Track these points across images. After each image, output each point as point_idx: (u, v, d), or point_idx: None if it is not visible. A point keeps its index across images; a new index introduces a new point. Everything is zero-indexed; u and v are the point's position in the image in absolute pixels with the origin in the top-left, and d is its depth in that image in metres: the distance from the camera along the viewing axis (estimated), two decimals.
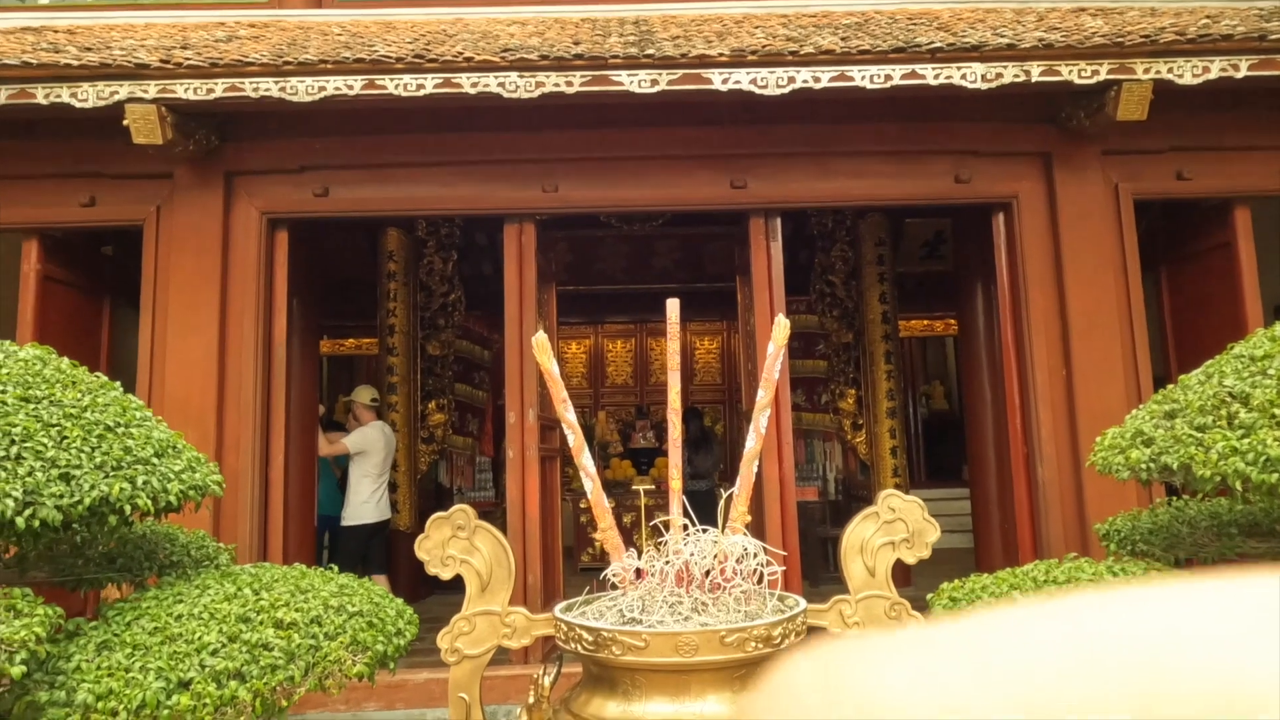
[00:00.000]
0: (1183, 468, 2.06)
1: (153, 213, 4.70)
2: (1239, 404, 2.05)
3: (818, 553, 7.35)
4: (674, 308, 1.65)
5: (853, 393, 7.53)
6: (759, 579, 1.44)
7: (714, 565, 1.42)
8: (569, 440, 1.63)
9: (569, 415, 1.62)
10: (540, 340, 1.65)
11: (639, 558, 1.48)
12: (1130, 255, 4.76)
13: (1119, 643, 0.19)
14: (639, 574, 1.47)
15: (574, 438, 1.62)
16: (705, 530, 1.45)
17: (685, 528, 1.47)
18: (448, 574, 1.67)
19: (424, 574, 1.69)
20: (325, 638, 2.00)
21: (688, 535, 1.45)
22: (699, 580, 1.41)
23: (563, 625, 1.40)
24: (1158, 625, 0.20)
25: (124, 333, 5.38)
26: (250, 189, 4.76)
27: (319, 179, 4.77)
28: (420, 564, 1.68)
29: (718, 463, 8.98)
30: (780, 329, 1.66)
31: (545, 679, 1.56)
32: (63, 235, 5.00)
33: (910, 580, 5.90)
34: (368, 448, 6.03)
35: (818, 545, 7.39)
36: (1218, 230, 4.98)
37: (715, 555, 1.42)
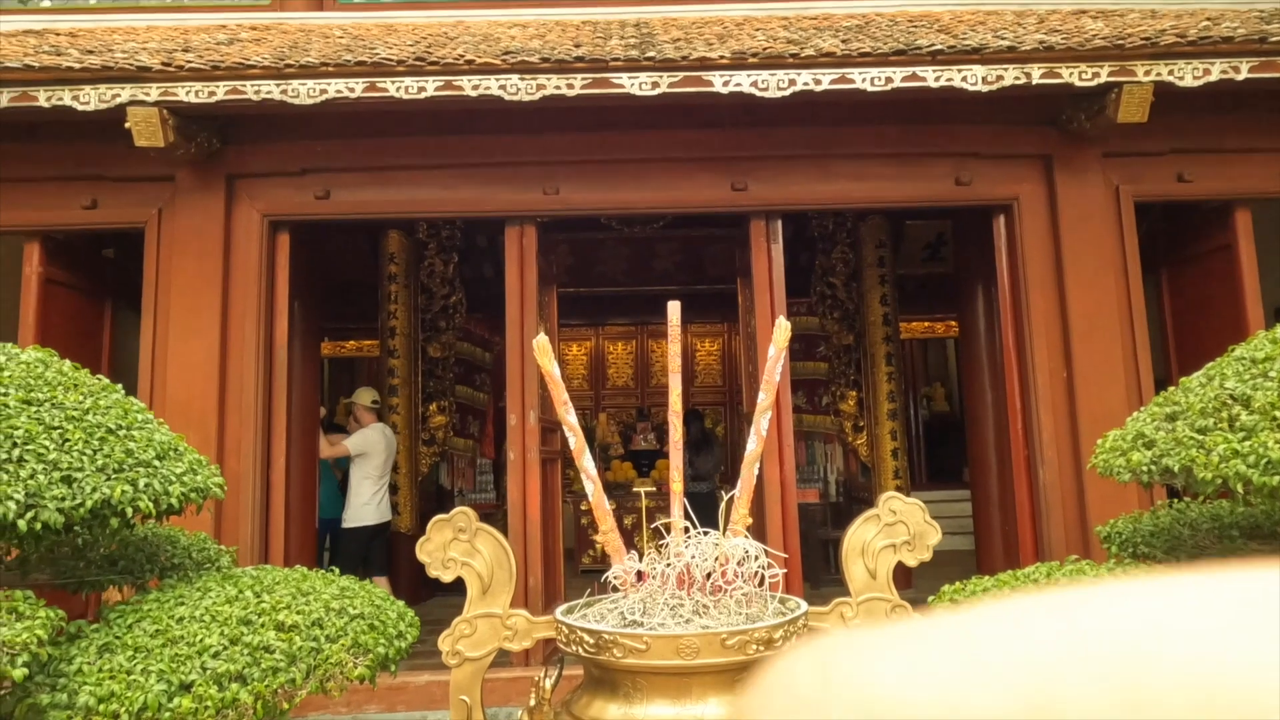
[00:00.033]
0: (1184, 470, 2.06)
1: (154, 215, 4.71)
2: (1240, 406, 2.05)
3: (819, 555, 7.35)
4: (675, 310, 1.66)
5: (854, 395, 7.53)
6: (760, 581, 1.44)
7: (715, 568, 1.42)
8: (570, 443, 1.63)
9: (570, 418, 1.62)
10: (541, 343, 1.65)
11: (640, 560, 1.48)
12: (1131, 257, 4.76)
13: (1108, 635, 0.19)
14: (640, 576, 1.47)
15: (575, 440, 1.62)
16: (706, 533, 1.45)
17: (686, 530, 1.47)
18: (449, 576, 1.68)
19: (425, 576, 1.69)
20: (327, 640, 2.00)
21: (689, 538, 1.45)
22: (700, 583, 1.41)
23: (564, 628, 1.40)
24: (1146, 618, 0.20)
25: (125, 335, 5.38)
26: (252, 191, 4.76)
27: (320, 181, 4.78)
28: (421, 566, 1.68)
29: (719, 464, 8.98)
30: (781, 331, 1.67)
31: (546, 681, 1.56)
32: (64, 238, 5.01)
33: (911, 582, 5.90)
34: (369, 449, 6.03)
35: (819, 547, 7.39)
36: (1218, 232, 4.98)
37: (716, 558, 1.42)
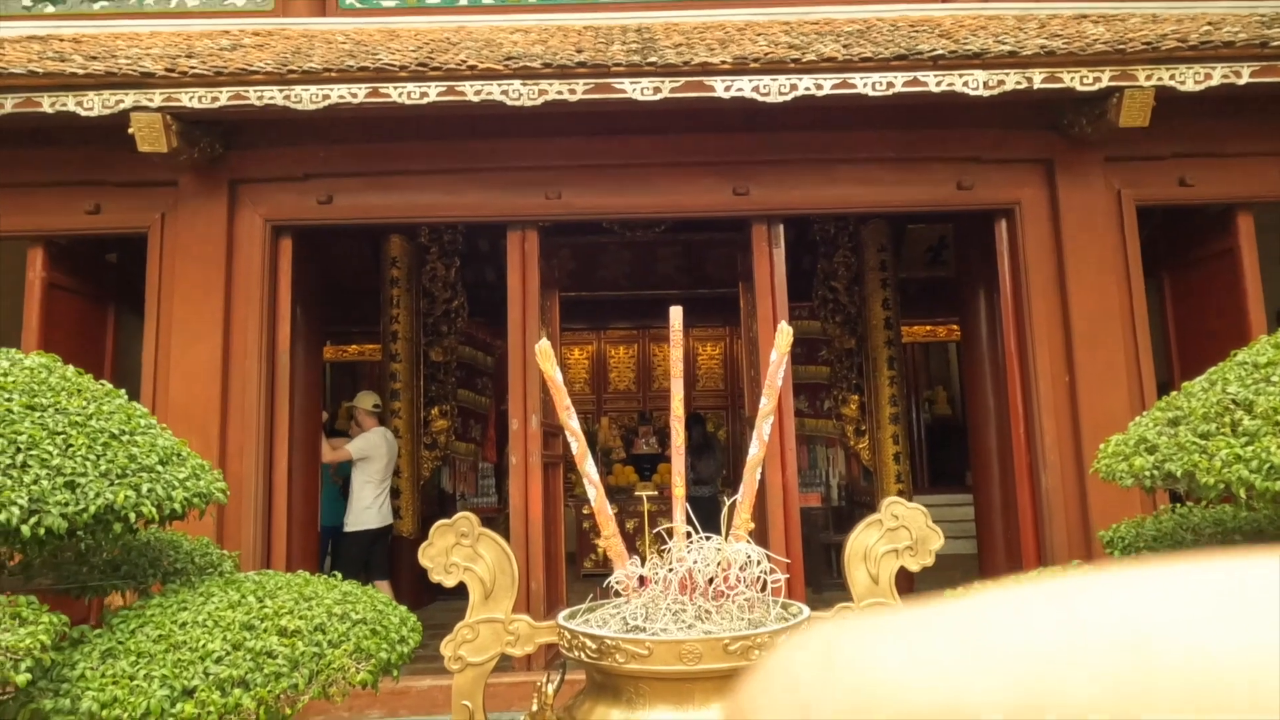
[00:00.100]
0: (1186, 475, 2.05)
1: (157, 220, 4.72)
2: (1243, 411, 2.05)
3: (821, 559, 7.34)
4: (677, 315, 1.66)
5: (856, 398, 7.53)
6: (762, 586, 1.44)
7: (717, 573, 1.42)
8: (572, 447, 1.64)
9: (572, 422, 1.62)
10: (544, 348, 1.65)
11: (642, 565, 1.48)
12: (1133, 261, 4.76)
13: (1107, 623, 0.20)
14: (642, 581, 1.47)
15: (577, 445, 1.62)
16: (709, 538, 1.45)
17: (689, 535, 1.47)
18: (451, 581, 1.68)
19: (427, 580, 1.69)
20: (329, 645, 2.01)
21: (691, 543, 1.45)
22: (702, 588, 1.41)
23: (566, 633, 1.40)
24: (1144, 606, 0.20)
25: (128, 339, 5.39)
26: (255, 196, 4.78)
27: (323, 186, 4.79)
28: (423, 570, 1.68)
29: (720, 468, 8.98)
30: (783, 336, 1.67)
31: (549, 686, 1.56)
32: (68, 243, 5.02)
33: (913, 587, 5.89)
34: (371, 453, 6.04)
35: (821, 551, 7.38)
36: (1221, 236, 4.98)
37: (719, 563, 1.42)
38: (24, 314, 4.71)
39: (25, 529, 1.75)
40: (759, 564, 1.43)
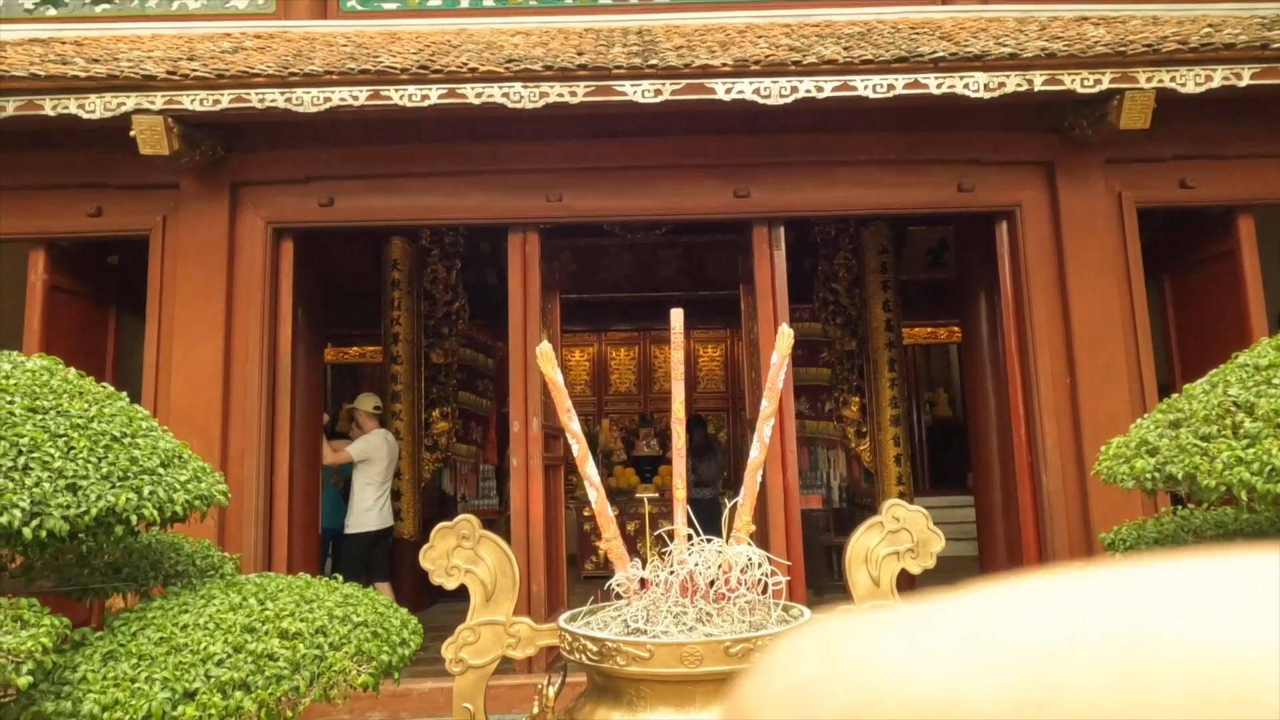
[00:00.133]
0: (1188, 477, 2.05)
1: (159, 223, 4.73)
2: (1244, 413, 2.05)
3: (822, 561, 7.33)
4: (678, 318, 1.66)
5: (856, 400, 7.53)
6: (763, 589, 1.44)
7: (718, 575, 1.42)
8: (573, 450, 1.64)
9: (573, 425, 1.63)
10: (545, 350, 1.65)
11: (643, 567, 1.48)
12: (1134, 264, 4.75)
13: (1107, 618, 0.20)
14: (643, 584, 1.47)
15: (578, 448, 1.62)
16: (710, 540, 1.45)
17: (689, 538, 1.47)
18: (452, 584, 1.68)
19: (428, 582, 1.69)
20: (330, 648, 2.01)
21: (692, 545, 1.45)
22: (703, 590, 1.41)
23: (567, 635, 1.40)
24: (1145, 601, 0.20)
25: (130, 342, 5.40)
26: (256, 199, 4.78)
27: (324, 189, 4.79)
28: (424, 572, 1.68)
29: (721, 470, 8.97)
30: (784, 338, 1.67)
31: (550, 689, 1.56)
32: (69, 245, 5.03)
33: (915, 589, 5.88)
34: (371, 455, 6.04)
35: (822, 554, 7.38)
36: (1222, 239, 4.98)
37: (720, 565, 1.42)
38: (25, 316, 4.71)
39: (27, 531, 1.75)
40: (760, 566, 1.43)
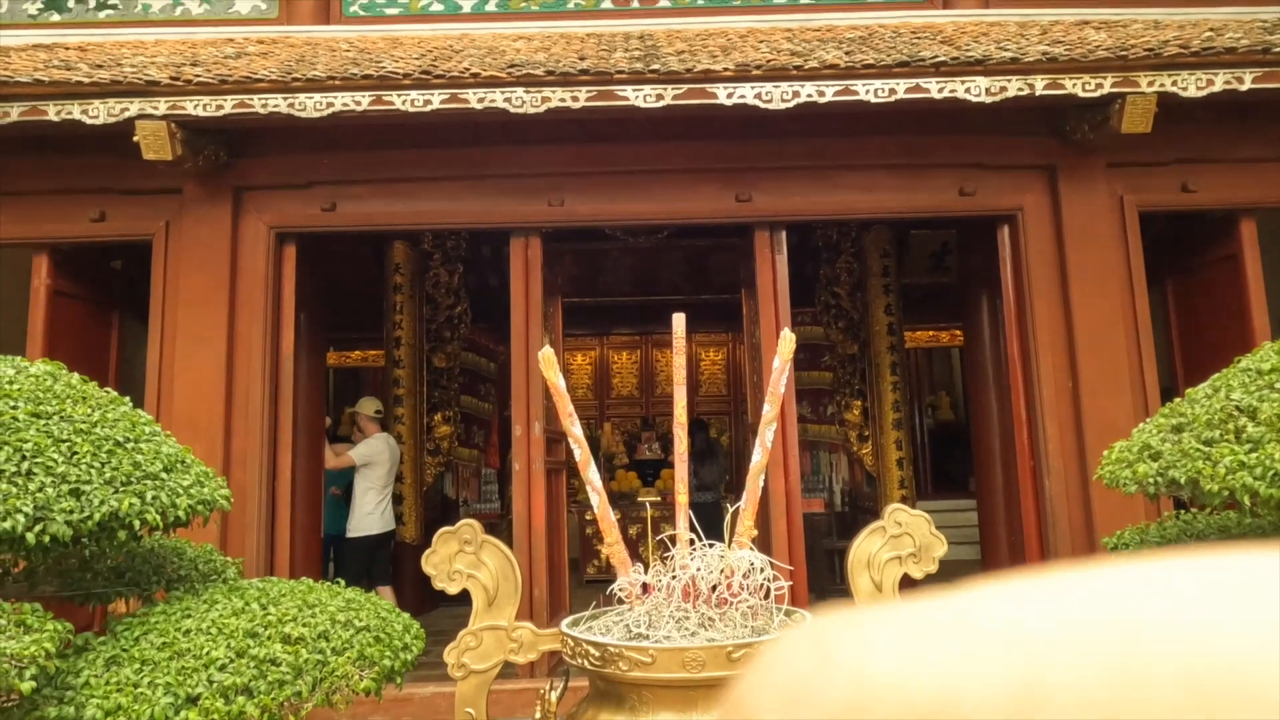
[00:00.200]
0: (1190, 482, 2.05)
1: (162, 228, 4.74)
2: (1246, 418, 2.05)
3: (824, 565, 7.32)
4: (680, 323, 1.66)
5: (858, 404, 7.52)
6: (766, 593, 1.44)
7: (721, 580, 1.42)
8: (575, 455, 1.64)
9: (575, 430, 1.63)
10: (547, 355, 1.65)
11: (645, 572, 1.48)
12: (1136, 267, 4.75)
13: (1102, 616, 0.20)
14: (645, 589, 1.47)
15: (580, 453, 1.62)
16: (712, 545, 1.45)
17: (692, 542, 1.47)
18: (454, 589, 1.68)
19: (430, 586, 1.69)
20: (332, 653, 2.01)
21: (694, 550, 1.45)
22: (706, 595, 1.41)
23: (569, 640, 1.40)
24: (1140, 599, 0.20)
25: (133, 346, 5.41)
26: (259, 204, 4.79)
27: (327, 194, 4.80)
28: (426, 576, 1.68)
29: (723, 474, 8.97)
30: (786, 343, 1.67)
31: (552, 694, 1.56)
32: (73, 250, 5.04)
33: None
34: (373, 459, 6.05)
35: (823, 558, 7.36)
36: (1224, 242, 4.97)
37: (722, 570, 1.42)
38: (29, 321, 4.72)
39: (30, 536, 1.76)
40: (762, 571, 1.43)
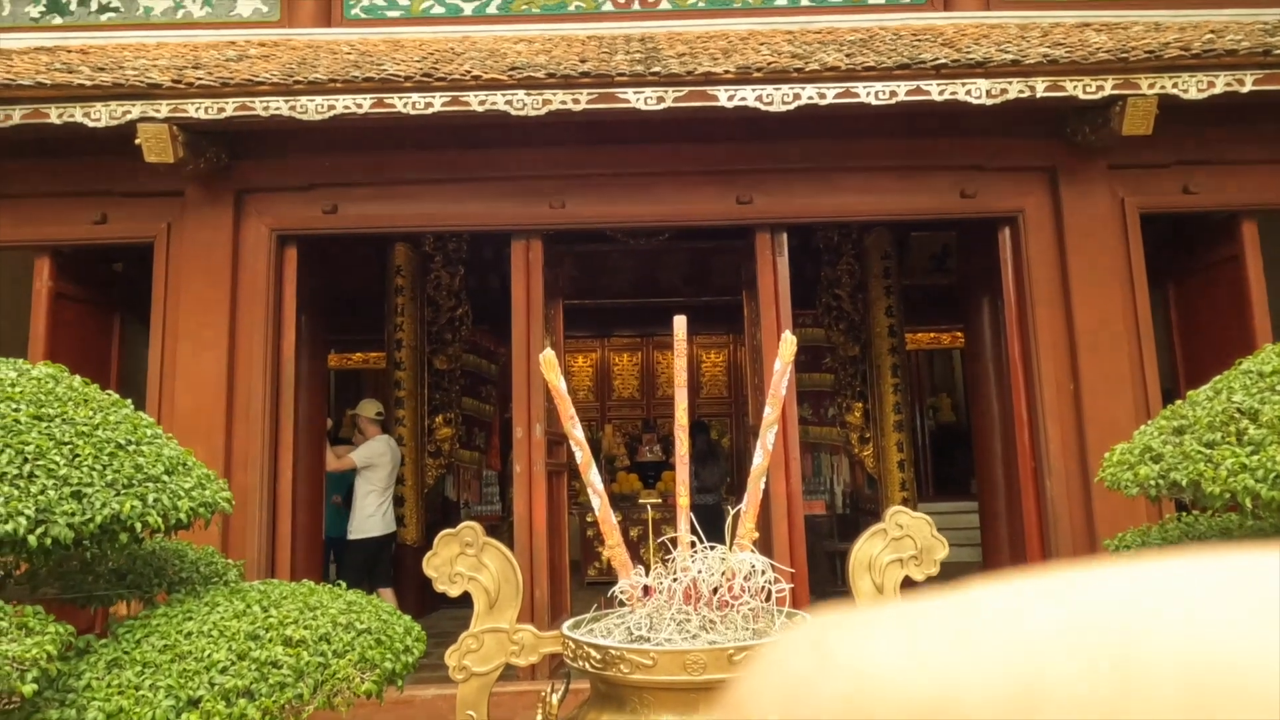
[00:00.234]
0: (1192, 484, 2.05)
1: (163, 230, 4.75)
2: (1248, 420, 2.04)
3: (825, 567, 7.32)
4: (681, 325, 1.66)
5: (860, 406, 7.52)
6: (767, 596, 1.43)
7: (722, 582, 1.42)
8: (577, 457, 1.64)
9: (577, 432, 1.63)
10: (548, 357, 1.65)
11: (647, 574, 1.48)
12: (1137, 269, 4.75)
13: (1100, 617, 0.20)
14: (647, 591, 1.47)
15: (582, 455, 1.62)
16: (713, 547, 1.45)
17: (693, 544, 1.47)
18: (456, 591, 1.68)
19: (431, 588, 1.69)
20: (334, 655, 2.01)
21: (695, 552, 1.45)
22: (707, 598, 1.41)
23: (570, 643, 1.40)
24: (1139, 600, 0.20)
25: (134, 348, 5.41)
26: (260, 206, 4.80)
27: (328, 196, 4.81)
28: (427, 578, 1.68)
29: (724, 476, 8.96)
30: (787, 345, 1.67)
31: (553, 696, 1.56)
32: (74, 252, 5.05)
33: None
34: (375, 461, 6.05)
35: (825, 560, 7.36)
36: (1225, 244, 4.97)
37: (723, 572, 1.42)
38: (31, 323, 4.73)
39: (32, 539, 1.76)
40: (763, 573, 1.43)
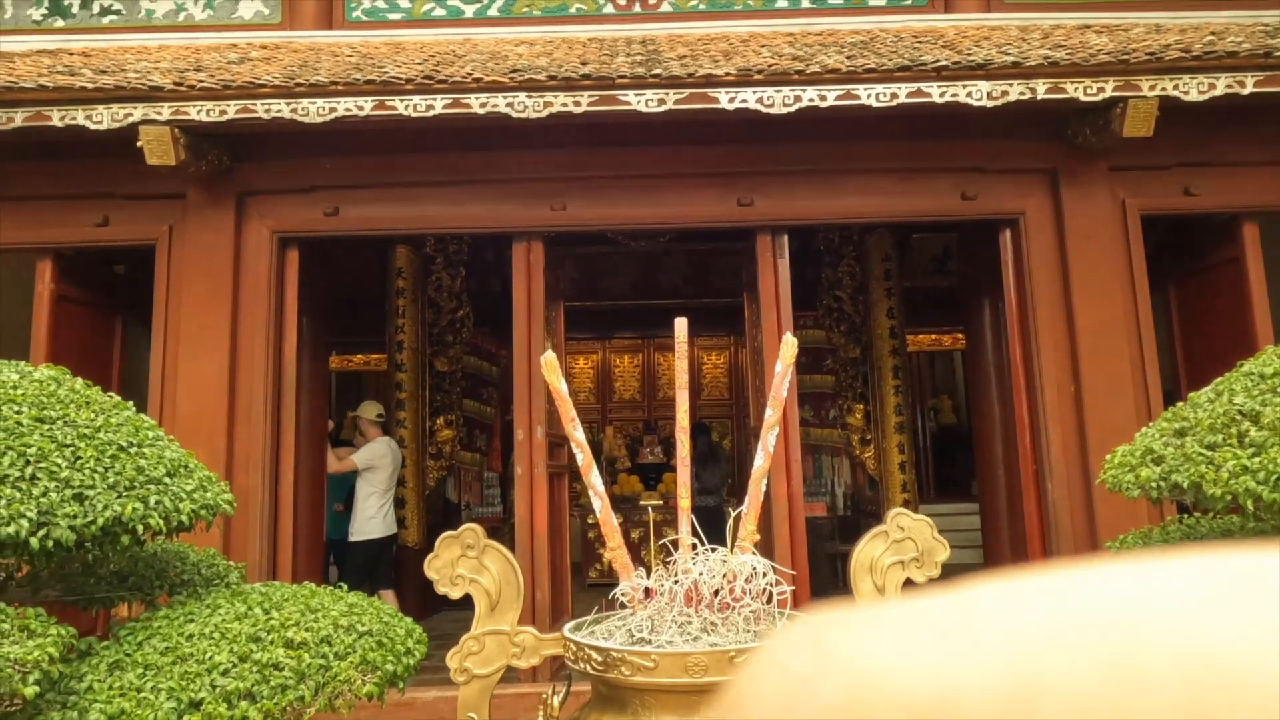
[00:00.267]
0: (1193, 486, 2.05)
1: (165, 232, 4.75)
2: (1249, 422, 2.04)
3: (826, 569, 7.31)
4: (682, 327, 1.66)
5: (861, 408, 7.52)
6: (768, 598, 1.44)
7: (723, 584, 1.42)
8: (578, 459, 1.64)
9: (578, 434, 1.63)
10: (549, 360, 1.65)
11: (648, 576, 1.48)
12: (1138, 271, 4.75)
13: (1099, 613, 0.20)
14: (648, 593, 1.47)
15: (583, 457, 1.63)
16: (714, 549, 1.45)
17: (694, 546, 1.47)
18: (457, 593, 1.68)
19: (432, 590, 1.69)
20: (335, 657, 2.01)
21: (697, 554, 1.45)
22: (708, 600, 1.41)
23: (572, 645, 1.40)
24: (1137, 597, 0.20)
25: (136, 350, 5.42)
26: (261, 208, 4.80)
27: (329, 198, 4.81)
28: (428, 580, 1.69)
29: (726, 478, 8.96)
30: (788, 347, 1.67)
31: (554, 698, 1.56)
32: (76, 255, 5.05)
33: None
34: (376, 463, 6.05)
35: (826, 562, 7.35)
36: (1226, 246, 4.96)
37: (724, 574, 1.42)
38: (32, 326, 4.73)
39: (34, 541, 1.76)
40: (764, 575, 1.43)
